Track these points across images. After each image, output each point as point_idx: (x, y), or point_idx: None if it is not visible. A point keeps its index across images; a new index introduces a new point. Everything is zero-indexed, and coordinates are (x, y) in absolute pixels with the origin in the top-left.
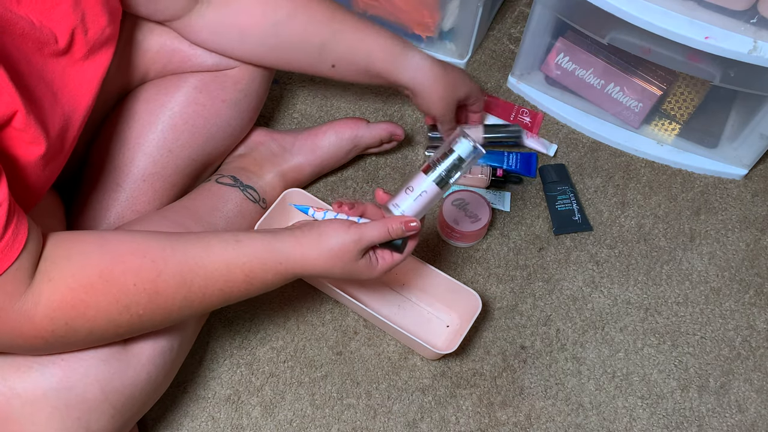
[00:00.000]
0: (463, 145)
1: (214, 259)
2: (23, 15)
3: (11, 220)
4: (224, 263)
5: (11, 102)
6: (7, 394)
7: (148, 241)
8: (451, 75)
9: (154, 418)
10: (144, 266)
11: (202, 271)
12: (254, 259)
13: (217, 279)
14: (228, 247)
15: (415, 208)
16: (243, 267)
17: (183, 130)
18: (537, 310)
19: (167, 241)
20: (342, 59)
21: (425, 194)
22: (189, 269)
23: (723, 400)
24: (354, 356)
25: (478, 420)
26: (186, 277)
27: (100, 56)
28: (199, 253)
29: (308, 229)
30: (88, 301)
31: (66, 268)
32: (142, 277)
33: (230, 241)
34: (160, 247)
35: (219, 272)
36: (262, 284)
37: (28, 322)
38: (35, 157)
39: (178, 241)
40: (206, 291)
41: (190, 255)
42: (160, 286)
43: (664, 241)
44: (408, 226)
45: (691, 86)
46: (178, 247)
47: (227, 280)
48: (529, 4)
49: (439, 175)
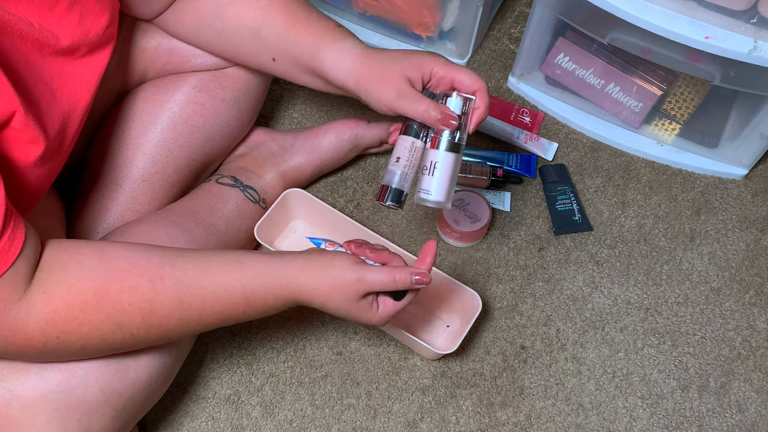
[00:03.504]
0: (453, 103)
1: (213, 281)
2: (22, 16)
3: (8, 224)
4: (224, 285)
5: (9, 102)
6: (6, 396)
7: (148, 257)
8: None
9: (154, 418)
10: (141, 286)
11: (200, 293)
12: (255, 282)
13: (216, 301)
14: (230, 268)
15: (443, 185)
16: (243, 289)
17: (182, 130)
18: (537, 310)
19: (167, 258)
20: (278, 50)
21: (445, 166)
22: (187, 290)
23: (723, 400)
24: (354, 356)
25: (478, 420)
26: (183, 298)
27: (98, 55)
28: (199, 274)
29: (317, 257)
30: (81, 318)
31: (62, 281)
32: (138, 296)
33: (233, 262)
34: (158, 264)
35: (218, 294)
36: (262, 307)
37: (20, 332)
38: (34, 157)
39: (178, 258)
40: (203, 312)
41: (189, 275)
42: (156, 307)
43: (664, 241)
44: (418, 280)
45: (691, 86)
46: (178, 265)
47: (226, 303)
48: (529, 4)
49: (448, 141)
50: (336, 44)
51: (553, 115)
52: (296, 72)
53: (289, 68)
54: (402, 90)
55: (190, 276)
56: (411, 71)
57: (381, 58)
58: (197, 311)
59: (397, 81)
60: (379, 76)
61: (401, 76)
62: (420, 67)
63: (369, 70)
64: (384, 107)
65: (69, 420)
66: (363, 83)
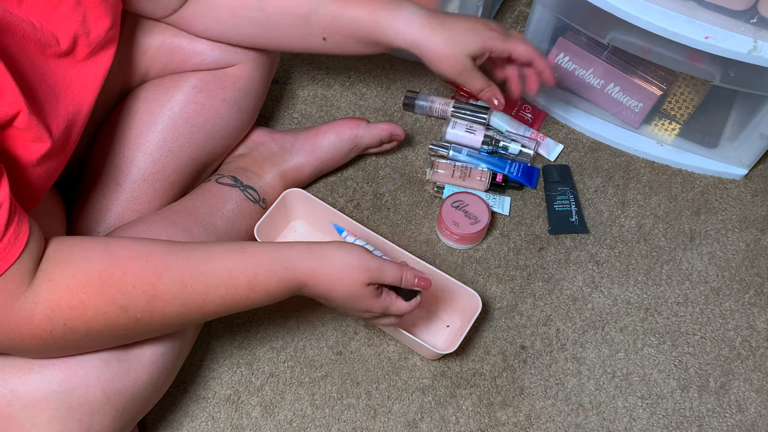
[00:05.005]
0: None
1: (215, 266)
2: (24, 17)
3: (12, 219)
4: (227, 269)
5: (14, 102)
6: (8, 396)
7: (151, 247)
8: (455, 26)
9: (154, 418)
10: (145, 270)
11: (203, 278)
12: (258, 266)
13: (219, 285)
14: (233, 254)
15: None
16: (246, 272)
17: (183, 130)
18: (537, 310)
19: (171, 248)
20: (330, 29)
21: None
22: (190, 274)
23: (723, 400)
24: (354, 356)
25: (478, 420)
26: (187, 282)
27: (102, 56)
28: (202, 260)
29: (321, 244)
30: (86, 302)
31: (67, 269)
32: (141, 279)
33: (235, 249)
34: (162, 253)
35: (221, 278)
36: (265, 293)
37: (27, 323)
38: (37, 156)
39: (182, 249)
40: (207, 298)
41: (192, 261)
42: (160, 290)
43: (664, 241)
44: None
45: (691, 86)
46: (182, 254)
47: (229, 287)
48: (529, 4)
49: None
50: (395, 12)
51: (553, 115)
52: (350, 45)
53: (343, 43)
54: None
55: (194, 262)
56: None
57: (444, 31)
58: (200, 296)
59: (461, 60)
60: (442, 51)
61: (464, 55)
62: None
63: (433, 44)
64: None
65: (70, 420)
66: (427, 55)
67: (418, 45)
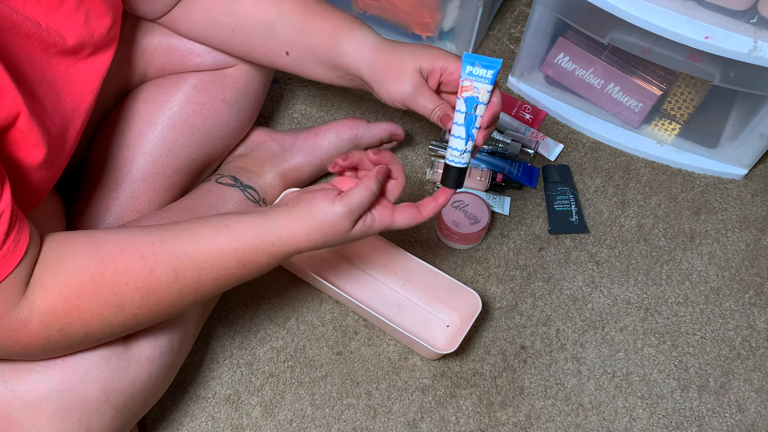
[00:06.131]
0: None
1: (204, 249)
2: (29, 15)
3: (12, 228)
4: (216, 252)
5: (14, 104)
6: (8, 396)
7: (137, 237)
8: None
9: (154, 418)
10: (134, 265)
11: (194, 263)
12: (246, 245)
13: (210, 268)
14: (218, 234)
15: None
16: (235, 253)
17: (182, 130)
18: (537, 310)
19: (157, 234)
20: (294, 42)
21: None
22: (180, 262)
23: (723, 400)
24: (354, 356)
25: (478, 420)
26: (178, 270)
27: (102, 56)
28: (190, 244)
29: (296, 205)
30: (81, 306)
31: (58, 273)
32: (133, 276)
33: (220, 227)
34: (149, 242)
35: (211, 261)
36: (256, 267)
37: (23, 330)
38: (38, 158)
39: (168, 232)
40: (200, 282)
41: (180, 247)
42: (153, 284)
43: (664, 241)
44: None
45: (691, 86)
46: (168, 239)
47: (220, 268)
48: (529, 4)
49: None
50: (355, 33)
51: (553, 115)
52: (310, 64)
53: (303, 61)
54: (416, 85)
55: (182, 248)
56: (426, 66)
57: (396, 51)
58: (194, 281)
59: (412, 75)
60: (394, 69)
61: (415, 71)
62: (434, 64)
63: (385, 62)
64: (395, 102)
65: (70, 419)
66: (378, 74)
67: (371, 63)
